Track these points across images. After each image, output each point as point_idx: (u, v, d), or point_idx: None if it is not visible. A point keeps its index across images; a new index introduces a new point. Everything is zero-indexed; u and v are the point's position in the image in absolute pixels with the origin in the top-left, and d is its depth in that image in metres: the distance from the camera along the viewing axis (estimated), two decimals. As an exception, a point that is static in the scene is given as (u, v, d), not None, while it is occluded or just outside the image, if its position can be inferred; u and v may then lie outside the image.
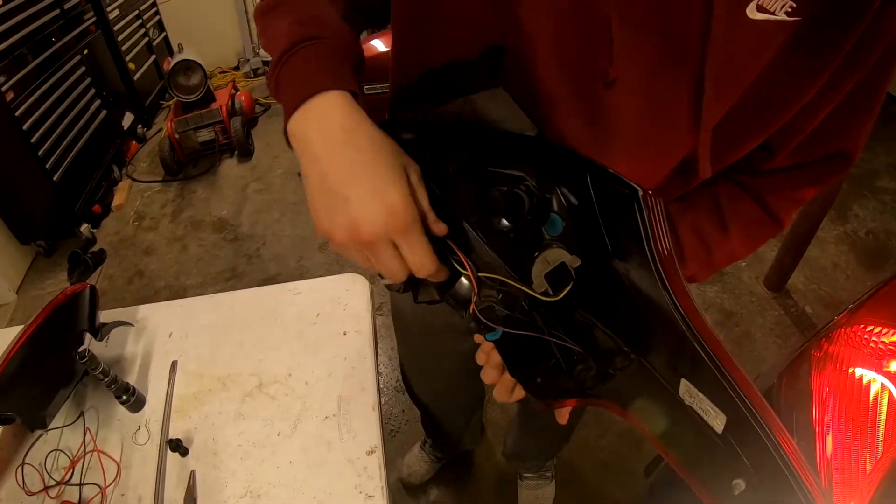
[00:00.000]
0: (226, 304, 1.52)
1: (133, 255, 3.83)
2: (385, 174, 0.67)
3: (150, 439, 1.24)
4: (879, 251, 3.67)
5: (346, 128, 0.69)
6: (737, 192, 0.96)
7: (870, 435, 1.10)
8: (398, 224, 0.66)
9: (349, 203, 0.66)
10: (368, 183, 0.66)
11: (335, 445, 1.20)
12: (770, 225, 0.96)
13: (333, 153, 0.68)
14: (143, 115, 5.24)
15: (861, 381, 1.16)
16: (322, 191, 0.69)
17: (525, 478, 2.41)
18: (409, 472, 2.48)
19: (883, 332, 1.21)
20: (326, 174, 0.68)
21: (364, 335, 1.40)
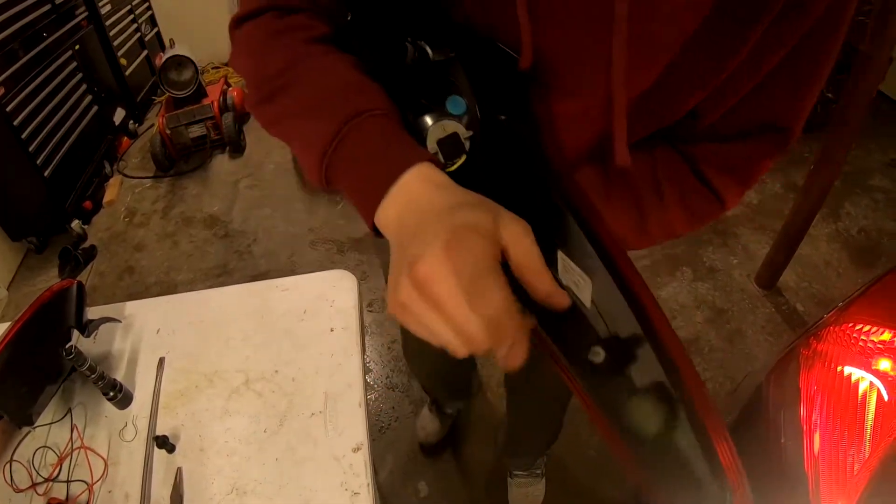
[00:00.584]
0: (213, 301, 1.52)
1: (124, 252, 3.82)
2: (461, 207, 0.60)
3: (137, 436, 1.24)
4: (871, 249, 3.68)
5: (426, 186, 0.64)
6: (674, 157, 0.93)
7: (857, 433, 1.10)
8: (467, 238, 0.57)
9: (415, 239, 0.59)
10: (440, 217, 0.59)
11: (321, 442, 1.19)
12: (710, 200, 0.92)
13: (412, 212, 0.63)
14: (135, 110, 5.22)
15: (849, 379, 1.16)
16: (397, 251, 0.63)
17: (515, 476, 2.40)
18: (426, 434, 2.54)
19: (872, 331, 1.21)
20: (402, 232, 0.63)
21: (351, 332, 1.39)
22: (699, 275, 3.45)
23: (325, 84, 0.73)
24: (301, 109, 0.74)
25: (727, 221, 3.82)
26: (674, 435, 0.58)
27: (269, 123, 0.81)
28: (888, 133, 4.71)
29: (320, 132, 0.70)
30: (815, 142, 4.49)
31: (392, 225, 0.64)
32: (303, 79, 0.75)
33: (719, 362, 2.95)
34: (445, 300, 0.55)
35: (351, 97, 0.71)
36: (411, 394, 2.78)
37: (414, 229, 0.60)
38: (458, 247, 0.55)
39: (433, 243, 0.55)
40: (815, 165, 2.78)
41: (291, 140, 0.77)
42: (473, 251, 0.55)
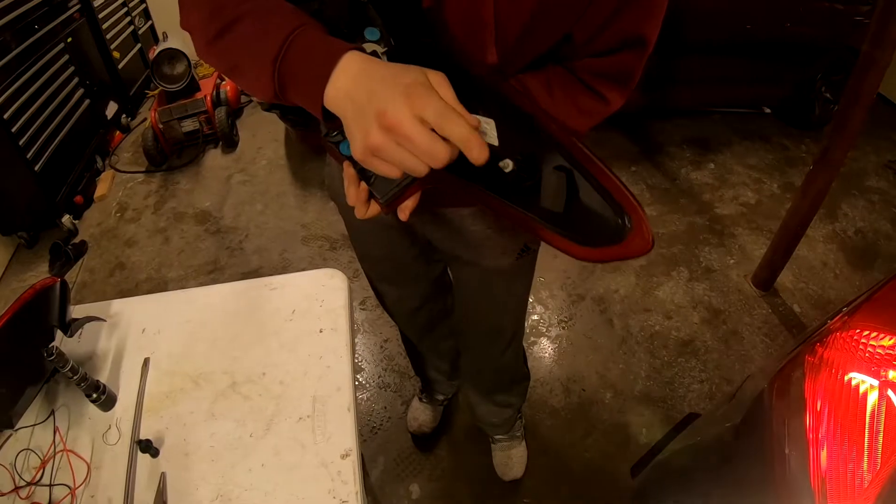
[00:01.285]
0: (201, 300, 1.50)
1: (115, 247, 3.78)
2: (401, 73, 0.73)
3: (120, 439, 1.22)
4: (868, 250, 3.69)
5: (367, 64, 0.76)
6: (561, 70, 1.13)
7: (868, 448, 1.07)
8: (419, 91, 0.71)
9: (373, 100, 0.72)
10: (387, 82, 0.73)
11: (309, 448, 1.17)
12: (595, 100, 1.13)
13: (361, 84, 0.74)
14: (128, 104, 5.16)
15: (857, 390, 1.13)
16: (356, 114, 0.75)
17: (496, 440, 2.48)
18: (418, 424, 2.58)
19: (880, 338, 1.18)
20: (357, 100, 0.74)
21: (340, 333, 1.37)
22: (696, 275, 3.44)
23: (270, 13, 0.85)
24: (252, 34, 0.85)
25: (724, 221, 3.83)
26: (579, 197, 0.81)
27: (222, 55, 0.91)
28: (883, 134, 4.77)
29: (270, 46, 0.81)
30: (812, 142, 4.56)
31: (343, 98, 0.76)
32: (250, 13, 0.86)
33: (715, 363, 2.94)
34: (414, 136, 0.70)
35: (292, 18, 0.83)
36: (403, 393, 2.76)
37: (368, 94, 0.73)
38: (413, 97, 0.70)
39: (394, 98, 0.70)
40: (814, 167, 2.76)
41: (241, 64, 0.88)
42: (424, 97, 0.70)
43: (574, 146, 0.80)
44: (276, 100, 0.86)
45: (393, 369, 2.86)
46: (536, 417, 2.67)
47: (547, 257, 3.45)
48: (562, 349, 2.99)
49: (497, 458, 2.46)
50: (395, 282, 1.84)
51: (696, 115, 4.94)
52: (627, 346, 3.01)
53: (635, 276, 3.42)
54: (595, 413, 2.69)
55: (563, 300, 3.26)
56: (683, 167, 4.37)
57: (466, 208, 1.37)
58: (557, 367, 2.89)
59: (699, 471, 1.46)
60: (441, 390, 2.57)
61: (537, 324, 3.12)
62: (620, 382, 2.83)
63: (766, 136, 4.77)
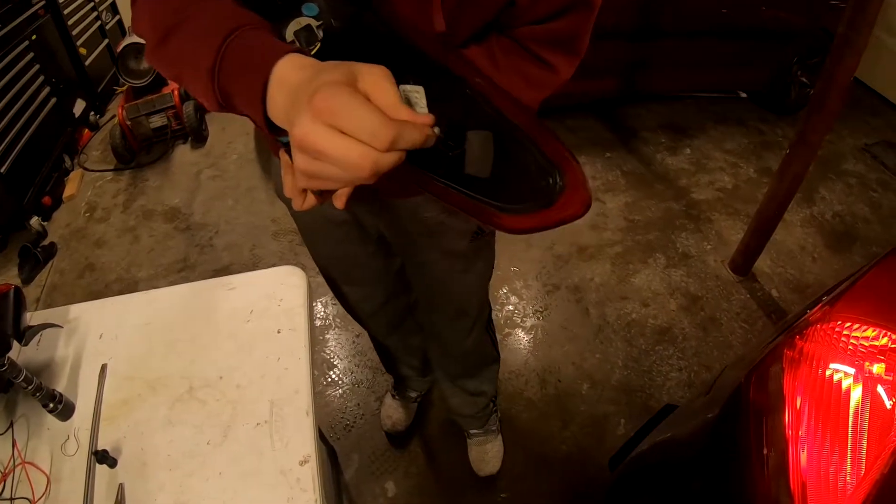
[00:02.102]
0: (158, 302, 1.46)
1: (84, 248, 3.72)
2: (317, 75, 0.68)
3: (79, 450, 1.18)
4: (846, 234, 3.70)
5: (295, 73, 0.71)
6: (505, 40, 1.10)
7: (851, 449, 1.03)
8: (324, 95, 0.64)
9: (290, 115, 0.68)
10: (300, 91, 0.67)
11: (267, 455, 1.14)
12: (543, 69, 1.10)
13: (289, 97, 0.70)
14: (96, 101, 5.08)
15: (840, 386, 1.10)
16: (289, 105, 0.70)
17: (472, 435, 2.46)
18: (392, 423, 2.55)
19: (862, 329, 1.15)
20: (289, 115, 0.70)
21: (299, 333, 1.34)
22: (672, 261, 3.44)
23: (208, 16, 0.81)
24: (189, 41, 0.82)
25: (700, 206, 3.82)
26: (506, 158, 0.77)
27: (166, 64, 0.88)
28: (860, 118, 4.80)
29: (206, 54, 0.77)
30: (788, 126, 4.57)
31: (280, 113, 0.73)
32: (191, 18, 0.82)
33: (694, 351, 2.93)
34: (325, 147, 0.63)
35: (227, 21, 0.79)
36: (377, 389, 2.73)
37: (289, 105, 0.69)
38: (321, 102, 0.62)
39: (302, 109, 0.64)
40: (790, 150, 2.76)
41: (184, 73, 0.85)
42: (333, 98, 0.63)
43: (504, 101, 0.77)
44: (221, 109, 0.82)
45: (366, 365, 2.83)
46: (512, 410, 2.65)
47: (520, 247, 3.45)
48: (537, 340, 2.97)
49: (473, 453, 2.45)
50: (355, 281, 1.81)
51: (672, 101, 4.93)
52: (604, 335, 3.00)
53: (611, 263, 3.40)
54: (572, 404, 2.67)
55: (537, 290, 3.24)
56: (659, 153, 4.36)
57: (416, 197, 1.35)
58: (533, 358, 2.87)
59: (676, 467, 1.43)
60: (414, 387, 2.55)
61: (512, 314, 3.10)
62: (597, 372, 2.81)
63: (742, 120, 4.78)
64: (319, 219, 1.51)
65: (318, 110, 0.63)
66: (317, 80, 0.66)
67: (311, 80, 0.67)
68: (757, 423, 1.14)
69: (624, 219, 3.72)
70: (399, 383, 2.55)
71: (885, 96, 5.19)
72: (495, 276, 3.16)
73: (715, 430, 1.28)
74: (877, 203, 4.01)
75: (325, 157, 0.64)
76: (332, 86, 0.64)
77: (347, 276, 1.78)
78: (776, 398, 1.14)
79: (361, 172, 0.64)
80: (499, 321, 3.01)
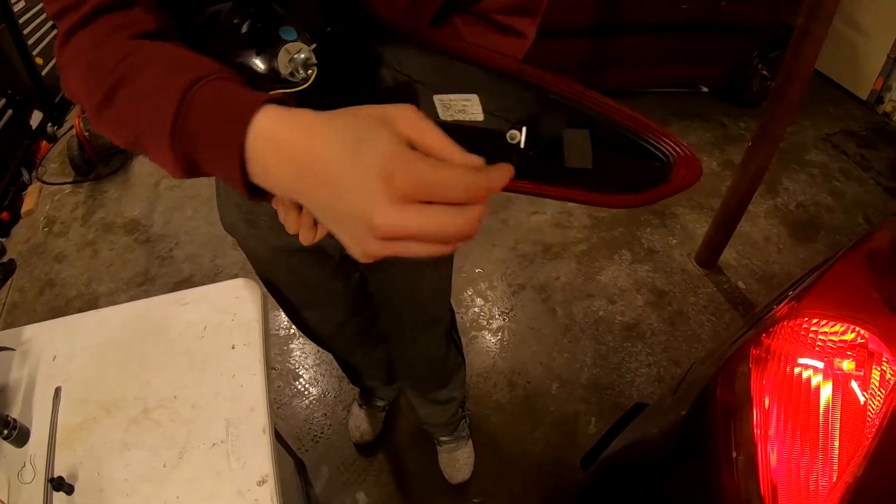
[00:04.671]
0: (111, 320, 1.42)
1: (44, 264, 3.65)
2: (356, 146, 0.58)
3: (35, 476, 1.14)
4: (810, 223, 3.74)
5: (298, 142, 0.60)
6: (469, 17, 1.07)
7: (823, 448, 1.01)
8: (407, 184, 0.56)
9: (345, 204, 0.58)
10: (347, 172, 0.57)
11: (224, 476, 1.11)
12: (510, 37, 1.08)
13: (302, 185, 0.61)
14: (53, 112, 4.95)
15: (809, 383, 1.08)
16: (328, 214, 0.61)
17: (441, 442, 2.44)
18: (360, 434, 2.52)
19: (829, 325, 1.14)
20: (315, 202, 0.61)
21: (253, 347, 1.31)
22: (638, 257, 3.44)
23: (157, 69, 0.70)
24: (140, 98, 0.70)
25: (664, 202, 3.80)
26: (606, 147, 0.72)
27: (115, 129, 0.76)
28: (821, 108, 4.86)
29: (163, 118, 0.66)
30: (751, 119, 4.61)
31: (284, 183, 0.62)
32: (136, 69, 0.71)
33: (663, 346, 2.94)
34: (421, 228, 0.56)
35: (182, 73, 0.68)
36: (344, 398, 2.70)
37: (331, 194, 0.58)
38: (405, 181, 0.55)
39: (372, 197, 0.55)
40: (753, 142, 2.77)
41: (140, 138, 0.72)
42: (416, 174, 0.56)
43: (570, 90, 0.72)
44: (185, 174, 0.71)
45: (332, 374, 2.80)
46: (481, 414, 2.63)
47: (483, 248, 3.44)
48: (504, 342, 2.95)
49: (443, 460, 2.43)
50: (314, 305, 1.77)
51: (633, 96, 4.94)
52: (572, 333, 2.99)
53: (576, 261, 3.40)
54: (542, 405, 2.66)
55: (503, 291, 3.23)
56: (622, 148, 4.33)
57: None
58: (500, 360, 2.86)
59: (647, 468, 1.41)
60: (381, 395, 2.52)
61: (478, 317, 3.08)
62: (566, 372, 2.80)
63: (704, 114, 4.81)
64: (276, 249, 1.46)
65: (404, 193, 0.56)
66: (368, 150, 0.57)
67: (354, 148, 0.58)
68: (725, 423, 1.12)
69: (588, 216, 3.71)
70: (365, 393, 2.52)
71: (844, 86, 5.26)
72: (460, 278, 3.14)
73: (684, 430, 1.27)
74: (839, 192, 4.05)
75: (420, 236, 0.58)
76: (399, 156, 0.57)
77: (307, 300, 1.74)
78: (744, 398, 1.12)
79: (469, 233, 0.58)
80: (464, 324, 3.00)
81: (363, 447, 2.52)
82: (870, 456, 0.94)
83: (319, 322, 1.86)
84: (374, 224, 0.56)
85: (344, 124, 0.60)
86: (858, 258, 1.34)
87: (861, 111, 5.05)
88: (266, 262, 1.57)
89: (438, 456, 2.44)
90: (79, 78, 0.77)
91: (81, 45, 0.76)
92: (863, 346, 1.08)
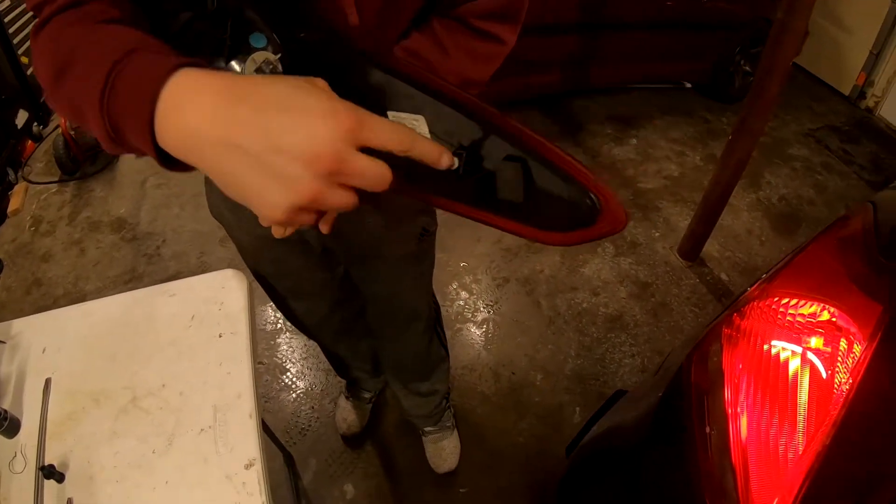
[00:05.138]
0: (99, 313, 1.43)
1: (30, 263, 3.64)
2: (296, 97, 0.57)
3: (26, 467, 1.16)
4: (792, 216, 3.77)
5: (219, 92, 0.58)
6: (447, 21, 1.10)
7: (790, 417, 1.04)
8: (352, 120, 0.57)
9: (286, 142, 0.55)
10: (289, 114, 0.56)
11: (212, 461, 1.13)
12: (489, 42, 1.12)
13: (229, 122, 0.57)
14: (39, 111, 4.91)
15: (778, 358, 1.11)
16: (249, 167, 0.57)
17: (427, 432, 2.47)
18: (347, 426, 2.53)
19: (800, 305, 1.16)
20: (239, 146, 0.56)
21: (240, 336, 1.33)
22: (621, 250, 3.47)
23: (101, 46, 0.69)
24: (82, 70, 0.70)
25: (648, 195, 3.86)
26: (537, 184, 0.76)
27: (65, 107, 0.77)
28: (803, 105, 4.91)
29: (96, 80, 0.65)
30: (733, 115, 4.64)
31: (206, 145, 0.58)
32: (84, 48, 0.71)
33: (646, 337, 2.97)
34: (366, 169, 0.59)
35: (119, 49, 0.66)
36: (331, 391, 2.71)
37: (263, 136, 0.56)
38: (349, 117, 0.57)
39: (324, 132, 0.55)
40: (733, 135, 2.80)
41: (82, 110, 0.70)
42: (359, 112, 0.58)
43: (512, 126, 0.75)
44: (118, 148, 0.70)
45: (318, 367, 2.81)
46: (467, 405, 2.65)
47: (468, 242, 3.46)
48: (489, 334, 2.97)
49: (429, 450, 2.45)
50: (300, 295, 1.79)
51: (618, 92, 4.97)
52: (556, 325, 3.02)
53: (560, 255, 3.42)
54: (527, 396, 2.69)
55: (487, 284, 3.25)
56: (605, 144, 4.40)
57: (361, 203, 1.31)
58: (485, 352, 2.88)
59: (625, 452, 1.43)
60: (367, 387, 2.54)
61: (462, 309, 3.10)
62: (551, 363, 2.83)
63: (687, 110, 4.85)
64: (260, 238, 1.47)
65: (349, 129, 0.56)
66: (306, 95, 0.58)
67: (295, 95, 0.58)
68: (699, 402, 1.15)
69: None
70: (352, 385, 2.54)
71: (827, 82, 5.31)
72: (445, 271, 3.16)
73: (658, 412, 1.29)
74: (821, 185, 4.10)
75: (357, 179, 0.59)
76: (338, 98, 0.58)
77: (292, 290, 1.76)
78: (716, 376, 1.15)
79: (382, 188, 0.61)
80: (449, 317, 3.02)
81: (350, 439, 2.53)
82: (837, 426, 0.97)
83: (305, 312, 1.88)
84: (318, 153, 0.55)
85: (274, 78, 0.62)
86: (830, 241, 1.37)
87: (844, 106, 5.10)
88: (252, 252, 1.59)
89: (424, 446, 2.46)
90: (41, 63, 0.78)
91: (50, 33, 0.78)
92: (832, 324, 1.11)
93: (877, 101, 4.95)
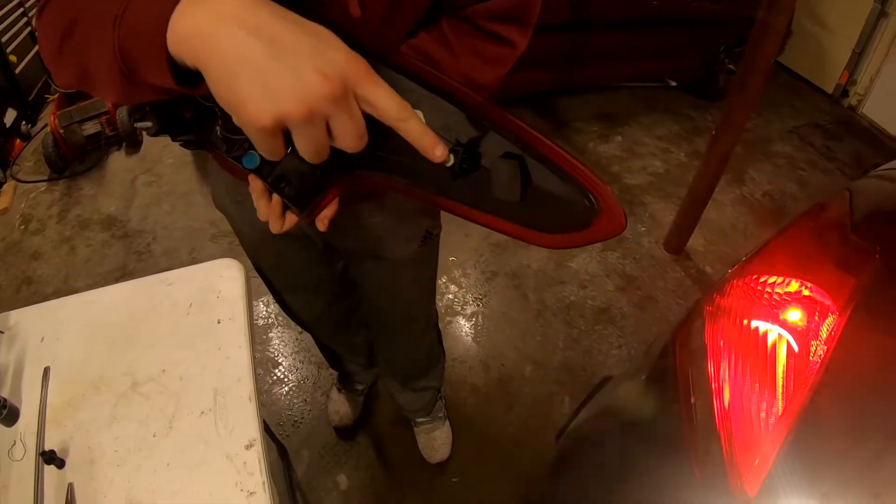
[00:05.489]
0: (97, 303, 1.45)
1: (20, 262, 3.64)
2: (318, 28, 0.60)
3: (26, 454, 1.17)
4: (776, 211, 3.81)
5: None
6: (456, 22, 1.09)
7: (769, 385, 1.08)
8: (365, 65, 0.61)
9: (302, 57, 0.57)
10: (316, 36, 0.59)
11: (212, 442, 1.15)
12: (498, 45, 1.10)
13: (259, 11, 0.58)
14: (27, 110, 4.92)
15: (756, 332, 1.14)
16: (267, 54, 0.56)
17: (419, 423, 2.48)
18: (339, 418, 2.54)
19: (777, 283, 1.20)
20: (268, 29, 0.57)
21: (238, 322, 1.35)
22: (608, 244, 3.50)
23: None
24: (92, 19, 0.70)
25: (633, 191, 3.89)
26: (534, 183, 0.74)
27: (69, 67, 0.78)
28: (786, 102, 4.95)
29: (108, 20, 0.66)
30: (718, 112, 4.62)
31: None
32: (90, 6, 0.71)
33: (632, 328, 3.00)
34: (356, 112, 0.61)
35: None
36: (323, 384, 2.73)
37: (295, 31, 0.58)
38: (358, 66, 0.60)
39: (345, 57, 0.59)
40: (717, 131, 2.85)
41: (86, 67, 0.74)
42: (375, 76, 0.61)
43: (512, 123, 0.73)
44: (129, 89, 0.70)
45: (310, 361, 2.83)
46: (458, 397, 2.68)
47: (458, 237, 3.48)
48: (478, 327, 3.00)
49: (421, 441, 2.46)
50: (299, 288, 1.80)
51: (604, 91, 5.00)
52: (544, 318, 3.05)
53: (547, 250, 3.42)
54: (516, 387, 2.72)
55: (476, 278, 3.28)
56: (591, 141, 4.44)
57: (359, 204, 1.33)
58: (475, 345, 2.91)
59: (613, 432, 1.46)
60: (360, 380, 2.54)
61: (452, 303, 3.13)
62: (539, 355, 2.86)
63: (672, 108, 4.88)
64: (259, 230, 1.47)
65: (360, 69, 0.60)
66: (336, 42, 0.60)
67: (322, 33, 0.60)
68: (683, 375, 1.18)
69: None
70: (344, 378, 2.54)
71: (810, 80, 5.36)
72: (434, 265, 3.19)
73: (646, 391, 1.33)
74: (805, 181, 4.14)
75: (341, 120, 0.60)
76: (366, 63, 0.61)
77: (291, 284, 1.77)
78: (699, 350, 1.18)
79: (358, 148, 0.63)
80: (440, 310, 3.03)
81: (343, 431, 2.54)
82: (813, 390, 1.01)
83: (303, 306, 1.89)
84: (328, 75, 0.57)
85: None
86: (807, 224, 1.40)
87: (827, 104, 5.13)
88: (253, 244, 1.60)
89: (416, 437, 2.48)
90: (47, 31, 0.78)
91: (52, 8, 0.78)
92: (808, 298, 1.15)
93: (860, 99, 4.99)
